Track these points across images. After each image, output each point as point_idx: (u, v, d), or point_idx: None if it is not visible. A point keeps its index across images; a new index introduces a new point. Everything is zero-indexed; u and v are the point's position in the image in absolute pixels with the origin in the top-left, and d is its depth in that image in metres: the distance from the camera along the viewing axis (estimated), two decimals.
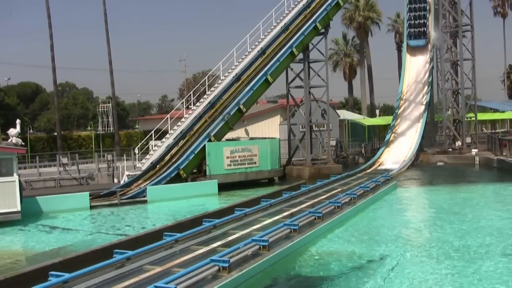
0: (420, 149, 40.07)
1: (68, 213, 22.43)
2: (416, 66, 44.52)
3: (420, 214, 21.06)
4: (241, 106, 30.02)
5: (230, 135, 33.54)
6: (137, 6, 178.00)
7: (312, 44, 34.85)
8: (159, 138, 30.49)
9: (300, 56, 33.82)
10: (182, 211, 22.58)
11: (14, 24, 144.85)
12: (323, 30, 34.40)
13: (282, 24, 33.98)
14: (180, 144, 28.92)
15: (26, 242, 18.62)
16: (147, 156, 29.20)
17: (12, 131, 22.73)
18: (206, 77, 34.28)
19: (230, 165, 29.32)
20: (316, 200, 21.56)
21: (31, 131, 54.08)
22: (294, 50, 32.15)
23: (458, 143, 41.32)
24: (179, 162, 27.63)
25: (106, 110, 65.17)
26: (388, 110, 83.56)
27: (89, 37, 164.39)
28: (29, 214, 21.39)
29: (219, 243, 14.64)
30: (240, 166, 29.67)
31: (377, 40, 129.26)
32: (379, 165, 36.70)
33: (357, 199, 21.13)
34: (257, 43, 33.37)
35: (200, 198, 25.67)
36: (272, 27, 34.13)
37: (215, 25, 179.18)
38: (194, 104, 31.81)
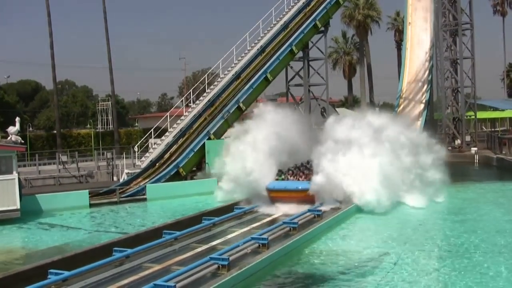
0: None
1: (68, 211, 22.41)
2: (416, 64, 44.42)
3: (419, 213, 21.03)
4: (241, 104, 30.01)
5: (229, 133, 33.49)
6: (137, 4, 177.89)
7: (312, 42, 34.86)
8: (159, 136, 30.50)
9: (300, 54, 33.85)
10: (181, 209, 22.57)
11: (14, 22, 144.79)
12: (322, 28, 34.41)
13: (281, 22, 33.98)
14: (180, 142, 28.92)
15: (26, 240, 18.61)
16: (147, 154, 29.21)
17: (11, 129, 22.69)
18: (206, 75, 34.25)
19: None
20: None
21: (30, 129, 54.08)
22: (294, 48, 32.15)
23: (458, 142, 41.33)
24: (178, 160, 27.62)
25: (106, 108, 65.18)
26: (388, 108, 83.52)
27: (89, 35, 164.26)
28: (29, 212, 21.39)
29: (218, 241, 14.67)
30: None
31: (377, 39, 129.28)
32: None
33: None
34: (256, 41, 33.37)
35: (200, 196, 25.66)
36: (272, 25, 34.12)
37: (214, 23, 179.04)
38: (193, 102, 31.80)
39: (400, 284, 11.73)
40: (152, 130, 31.25)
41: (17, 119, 23.57)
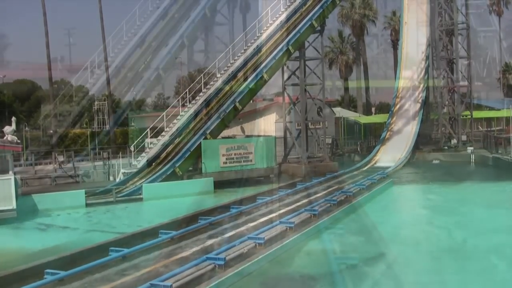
0: (416, 147, 40.11)
1: (64, 211, 22.33)
2: (412, 64, 44.56)
3: (415, 212, 21.12)
4: (237, 104, 29.98)
5: (225, 133, 33.50)
6: (134, 3, 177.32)
7: (308, 42, 34.79)
8: (155, 136, 30.43)
9: (296, 54, 33.78)
10: (178, 209, 22.52)
11: (10, 21, 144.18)
12: (319, 28, 34.36)
13: (278, 21, 33.91)
14: (176, 142, 28.86)
15: (22, 240, 18.56)
16: (143, 154, 29.13)
17: (7, 129, 22.62)
18: (202, 74, 34.19)
19: (226, 162, 29.28)
20: (311, 198, 21.59)
21: (26, 128, 53.81)
22: (290, 47, 32.11)
23: (454, 141, 41.37)
24: (175, 159, 27.59)
25: (102, 108, 64.95)
26: (384, 108, 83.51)
27: (85, 34, 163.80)
28: (25, 212, 21.30)
29: (215, 240, 14.67)
30: (235, 164, 29.63)
31: (373, 38, 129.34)
32: (375, 163, 36.72)
33: (352, 197, 21.18)
34: (253, 41, 33.32)
35: (196, 196, 25.64)
36: (268, 24, 34.08)
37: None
38: (190, 102, 31.72)
39: (397, 284, 11.68)
40: (148, 129, 31.16)
41: (13, 118, 23.49)
